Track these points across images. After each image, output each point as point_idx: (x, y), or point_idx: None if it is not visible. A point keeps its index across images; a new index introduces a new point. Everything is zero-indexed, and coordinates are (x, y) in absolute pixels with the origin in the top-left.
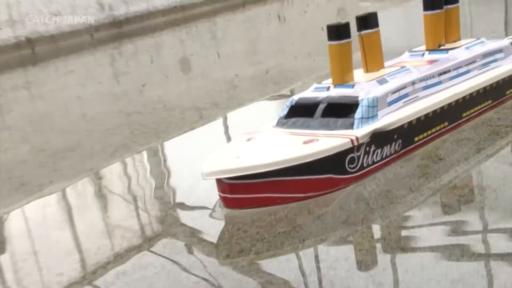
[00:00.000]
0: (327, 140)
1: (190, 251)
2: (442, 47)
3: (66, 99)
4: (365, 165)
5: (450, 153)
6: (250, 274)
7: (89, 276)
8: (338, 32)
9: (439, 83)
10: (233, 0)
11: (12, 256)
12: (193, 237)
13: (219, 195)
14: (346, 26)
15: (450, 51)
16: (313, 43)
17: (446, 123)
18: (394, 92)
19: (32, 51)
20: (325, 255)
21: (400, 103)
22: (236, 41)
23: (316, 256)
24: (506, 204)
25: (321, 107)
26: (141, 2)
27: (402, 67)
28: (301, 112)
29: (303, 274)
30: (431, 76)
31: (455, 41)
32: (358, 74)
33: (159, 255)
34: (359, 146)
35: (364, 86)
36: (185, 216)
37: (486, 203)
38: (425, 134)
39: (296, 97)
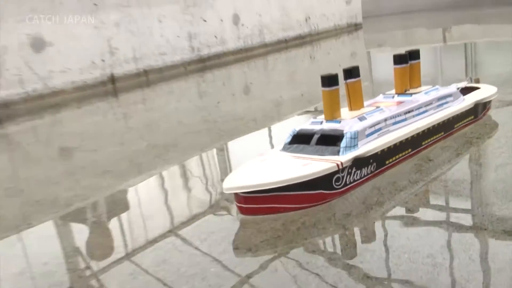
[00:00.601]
0: (319, 164)
1: (254, 220)
2: (407, 92)
3: (168, 110)
4: (347, 182)
5: (437, 156)
6: (298, 237)
7: (183, 234)
8: (329, 81)
9: (405, 119)
10: (279, 45)
11: (133, 217)
12: None
13: (236, 204)
14: (335, 77)
15: (413, 95)
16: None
17: (409, 150)
18: (371, 127)
19: (146, 78)
20: (350, 225)
21: (375, 135)
22: (281, 73)
23: (344, 225)
24: (477, 192)
25: (316, 137)
26: (218, 46)
27: (377, 107)
28: (301, 140)
29: (334, 238)
30: (399, 115)
31: (417, 87)
32: (344, 112)
33: (236, 220)
34: (343, 168)
35: (348, 122)
36: None
37: (463, 191)
38: (394, 158)
39: (297, 128)
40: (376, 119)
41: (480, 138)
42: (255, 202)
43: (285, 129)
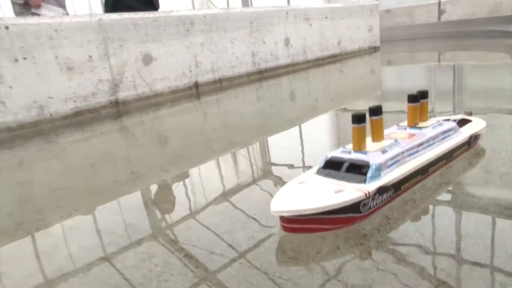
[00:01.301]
0: (350, 192)
1: None
2: (417, 125)
3: (234, 110)
4: (371, 207)
5: (455, 164)
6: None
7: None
8: (358, 119)
9: (417, 151)
10: (317, 62)
11: (218, 192)
12: None
13: (280, 223)
14: (363, 115)
15: (422, 129)
16: (356, 86)
17: (419, 176)
18: (391, 159)
19: (220, 85)
20: (391, 215)
21: (394, 166)
22: (318, 83)
23: (386, 216)
24: (487, 192)
25: (345, 165)
26: (273, 62)
27: (395, 140)
28: (333, 166)
29: (380, 225)
30: (413, 148)
31: (425, 122)
32: (368, 143)
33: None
34: (369, 196)
35: (373, 154)
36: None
37: (477, 192)
38: (407, 184)
39: (329, 155)
40: (395, 153)
41: (486, 151)
42: (296, 223)
43: (319, 124)
